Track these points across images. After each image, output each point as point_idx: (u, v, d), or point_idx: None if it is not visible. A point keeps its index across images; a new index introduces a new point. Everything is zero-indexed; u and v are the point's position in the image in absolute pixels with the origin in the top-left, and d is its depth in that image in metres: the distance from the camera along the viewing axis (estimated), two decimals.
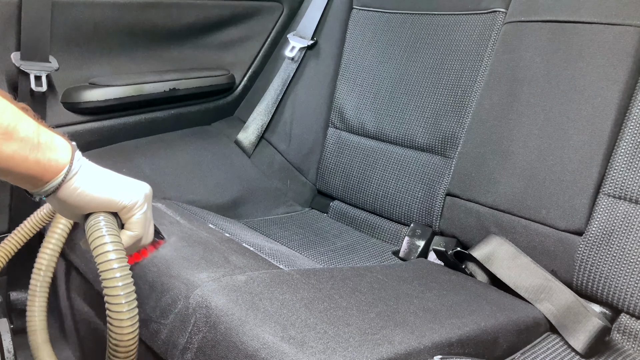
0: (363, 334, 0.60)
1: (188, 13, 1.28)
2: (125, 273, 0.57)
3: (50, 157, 0.54)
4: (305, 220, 1.22)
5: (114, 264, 0.56)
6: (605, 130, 0.87)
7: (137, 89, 1.20)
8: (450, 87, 1.10)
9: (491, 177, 0.98)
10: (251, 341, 0.59)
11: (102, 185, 0.59)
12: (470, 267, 0.93)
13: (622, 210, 0.84)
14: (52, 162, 0.54)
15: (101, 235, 0.57)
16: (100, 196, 0.58)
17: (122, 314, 0.57)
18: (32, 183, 0.55)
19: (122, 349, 0.58)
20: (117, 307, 0.56)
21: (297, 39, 1.35)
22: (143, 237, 0.64)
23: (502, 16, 1.07)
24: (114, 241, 0.57)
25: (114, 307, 0.56)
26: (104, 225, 0.58)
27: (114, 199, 0.59)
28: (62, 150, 0.55)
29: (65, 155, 0.55)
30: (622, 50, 0.88)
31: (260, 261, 0.79)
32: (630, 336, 0.82)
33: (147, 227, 0.65)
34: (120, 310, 0.56)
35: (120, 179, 0.61)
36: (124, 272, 0.57)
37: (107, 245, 0.56)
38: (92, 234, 0.57)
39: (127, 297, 0.57)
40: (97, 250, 0.56)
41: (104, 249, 0.56)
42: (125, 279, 0.57)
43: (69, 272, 0.98)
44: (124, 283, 0.56)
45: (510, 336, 0.74)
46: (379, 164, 1.18)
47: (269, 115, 1.35)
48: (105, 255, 0.56)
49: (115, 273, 0.56)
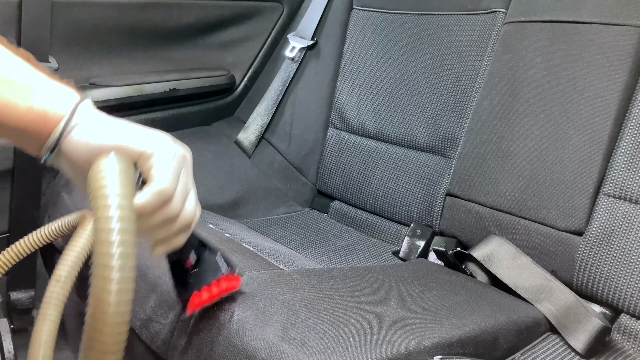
0: (363, 334, 0.60)
1: (188, 13, 1.28)
2: (124, 226, 0.41)
3: (46, 106, 0.44)
4: (305, 221, 1.22)
5: (111, 213, 0.40)
6: (605, 130, 0.87)
7: (137, 89, 1.20)
8: (450, 87, 1.10)
9: (491, 177, 0.98)
10: (251, 341, 0.59)
11: (112, 132, 0.47)
12: (470, 268, 0.93)
13: (622, 211, 0.84)
14: (50, 111, 0.44)
15: (102, 177, 0.41)
16: (109, 143, 0.45)
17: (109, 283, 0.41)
18: (31, 140, 0.46)
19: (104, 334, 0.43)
20: (105, 269, 0.41)
21: (297, 39, 1.35)
22: (174, 197, 0.49)
23: (502, 16, 1.07)
24: (113, 184, 0.41)
25: (101, 271, 0.41)
26: (106, 168, 0.42)
27: (128, 145, 0.46)
28: (64, 98, 0.45)
29: (66, 103, 0.45)
30: (622, 50, 0.88)
31: (260, 261, 0.79)
32: (630, 336, 0.82)
33: (181, 184, 0.51)
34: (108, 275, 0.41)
35: (139, 127, 0.48)
36: (122, 226, 0.41)
37: (105, 188, 0.41)
38: (91, 179, 0.42)
39: (121, 259, 0.42)
40: (95, 194, 0.41)
41: (102, 192, 0.40)
42: (123, 233, 0.41)
43: None
44: (119, 239, 0.41)
45: (510, 336, 0.74)
46: (379, 164, 1.18)
47: (269, 116, 1.35)
48: (103, 200, 0.40)
49: (109, 223, 0.40)
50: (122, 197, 0.41)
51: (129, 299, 0.43)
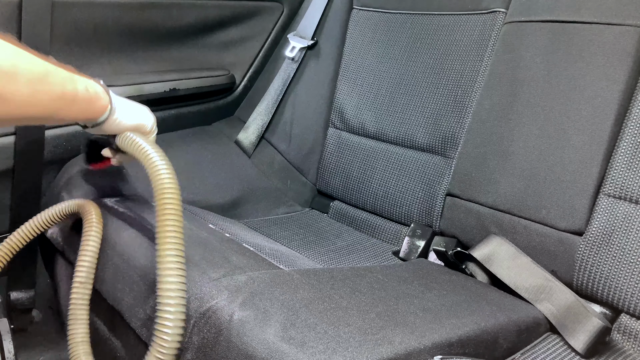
0: (363, 334, 0.60)
1: (188, 13, 1.28)
2: (174, 180, 0.69)
3: (99, 104, 0.72)
4: (305, 221, 1.22)
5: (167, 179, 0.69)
6: (606, 130, 0.87)
7: (137, 89, 1.20)
8: (450, 87, 1.10)
9: (491, 177, 0.98)
10: (251, 341, 0.59)
11: (134, 114, 0.79)
12: (470, 267, 0.93)
13: (622, 211, 0.84)
14: (100, 107, 0.73)
15: (144, 146, 0.72)
16: (133, 123, 0.78)
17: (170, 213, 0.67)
18: (84, 122, 0.76)
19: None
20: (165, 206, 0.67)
21: (297, 39, 1.35)
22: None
23: (502, 16, 1.07)
24: (157, 151, 0.71)
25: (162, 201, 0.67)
26: (140, 138, 0.74)
27: (144, 124, 0.80)
28: (104, 96, 0.73)
29: (105, 98, 0.73)
30: (622, 50, 0.88)
31: (260, 261, 0.79)
32: (631, 336, 0.82)
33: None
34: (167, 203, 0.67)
35: (139, 107, 0.80)
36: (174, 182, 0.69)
37: (153, 154, 0.70)
38: (135, 144, 0.73)
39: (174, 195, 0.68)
40: (147, 160, 0.70)
41: (153, 161, 0.70)
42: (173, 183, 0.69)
43: (70, 272, 0.98)
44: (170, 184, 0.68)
45: (511, 336, 0.74)
46: (379, 164, 1.18)
47: (269, 115, 1.35)
48: (157, 169, 0.69)
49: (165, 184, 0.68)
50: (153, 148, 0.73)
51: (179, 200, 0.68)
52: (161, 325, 0.61)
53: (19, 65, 0.57)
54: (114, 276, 0.80)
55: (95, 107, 0.71)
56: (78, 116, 0.71)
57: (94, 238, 0.83)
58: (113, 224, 0.85)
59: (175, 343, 0.62)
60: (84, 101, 0.68)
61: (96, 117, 0.73)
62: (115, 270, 0.81)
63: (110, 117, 0.74)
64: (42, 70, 0.61)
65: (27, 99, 0.59)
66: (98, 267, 0.84)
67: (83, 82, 0.68)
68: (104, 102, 0.73)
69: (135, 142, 0.73)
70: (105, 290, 0.83)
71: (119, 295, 0.79)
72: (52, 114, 0.65)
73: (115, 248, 0.83)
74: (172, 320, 0.61)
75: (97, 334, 0.89)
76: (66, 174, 1.07)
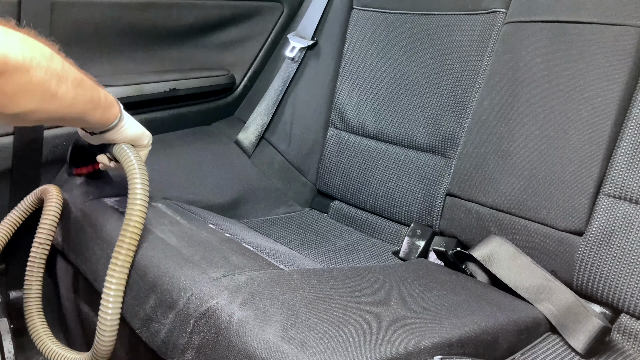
0: (363, 334, 0.60)
1: (188, 13, 1.28)
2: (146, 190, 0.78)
3: (112, 112, 0.79)
4: (305, 221, 1.22)
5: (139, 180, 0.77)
6: (606, 130, 0.87)
7: (137, 89, 1.20)
8: (450, 87, 1.10)
9: (491, 177, 0.98)
10: (251, 341, 0.59)
11: (134, 127, 0.84)
12: (470, 267, 0.93)
13: (622, 211, 0.84)
14: (112, 115, 0.79)
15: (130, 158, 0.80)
16: (133, 136, 0.84)
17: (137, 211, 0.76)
18: (95, 129, 0.81)
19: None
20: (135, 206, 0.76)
21: (297, 39, 1.35)
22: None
23: (502, 16, 1.07)
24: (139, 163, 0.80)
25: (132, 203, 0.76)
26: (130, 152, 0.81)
27: (140, 137, 0.85)
28: (116, 105, 0.80)
29: (117, 108, 0.80)
30: (622, 50, 0.88)
31: (260, 261, 0.79)
32: (631, 336, 0.82)
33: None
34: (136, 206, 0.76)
35: (138, 124, 0.86)
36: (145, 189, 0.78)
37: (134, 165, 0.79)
38: (125, 157, 0.80)
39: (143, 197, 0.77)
40: (128, 167, 0.79)
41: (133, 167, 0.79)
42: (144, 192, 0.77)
43: (68, 271, 0.98)
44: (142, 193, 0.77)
45: (511, 336, 0.74)
46: (379, 164, 1.18)
47: (269, 116, 1.35)
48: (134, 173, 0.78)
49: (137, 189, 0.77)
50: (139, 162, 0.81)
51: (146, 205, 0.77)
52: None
53: (66, 70, 0.66)
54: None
55: (110, 114, 0.79)
56: (99, 120, 0.77)
57: (52, 214, 0.93)
58: (113, 224, 0.85)
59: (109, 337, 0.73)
60: (104, 107, 0.76)
61: (109, 123, 0.80)
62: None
63: (119, 125, 0.81)
64: (80, 75, 0.70)
65: (72, 98, 0.68)
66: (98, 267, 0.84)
67: (102, 90, 0.76)
68: (115, 110, 0.80)
69: (125, 154, 0.81)
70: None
71: None
72: (83, 116, 0.73)
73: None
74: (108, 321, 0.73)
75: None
76: (65, 173, 1.07)
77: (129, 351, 0.82)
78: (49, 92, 0.64)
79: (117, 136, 0.82)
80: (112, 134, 0.81)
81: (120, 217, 0.88)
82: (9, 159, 1.04)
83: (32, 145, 1.06)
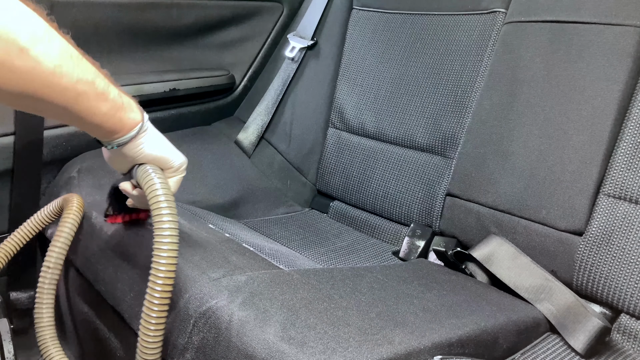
0: (363, 334, 0.60)
1: (188, 13, 1.28)
2: (174, 217, 0.63)
3: (129, 116, 0.66)
4: (305, 221, 1.22)
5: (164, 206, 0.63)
6: (605, 130, 0.87)
7: (137, 89, 1.20)
8: (450, 87, 1.10)
9: (491, 177, 0.98)
10: (251, 341, 0.59)
11: (161, 145, 0.70)
12: (470, 268, 0.93)
13: (622, 211, 0.84)
14: (130, 120, 0.66)
15: (153, 181, 0.65)
16: (158, 154, 0.69)
17: (165, 250, 0.61)
18: (109, 135, 0.66)
19: (161, 284, 0.62)
20: (162, 244, 0.62)
21: (297, 39, 1.35)
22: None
23: (502, 16, 1.07)
24: (164, 186, 0.65)
25: (159, 242, 0.62)
26: (153, 172, 0.66)
27: (168, 158, 0.70)
28: (137, 111, 0.67)
29: (138, 115, 0.67)
30: (622, 50, 0.88)
31: (260, 261, 0.79)
32: (630, 336, 0.82)
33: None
34: (163, 244, 0.61)
35: (171, 145, 0.72)
36: (174, 217, 0.63)
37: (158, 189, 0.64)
38: (146, 179, 0.65)
39: (172, 232, 0.62)
40: (150, 193, 0.64)
41: (156, 192, 0.64)
42: (173, 220, 0.63)
43: (69, 272, 0.98)
44: (170, 222, 0.63)
45: (510, 336, 0.74)
46: (379, 164, 1.18)
47: (269, 116, 1.35)
48: (157, 198, 0.64)
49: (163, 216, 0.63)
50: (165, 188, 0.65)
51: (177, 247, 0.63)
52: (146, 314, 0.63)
53: (50, 33, 0.58)
54: (114, 276, 0.80)
55: (125, 117, 0.65)
56: (108, 119, 0.64)
57: (69, 225, 0.86)
58: (114, 225, 0.85)
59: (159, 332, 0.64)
60: (113, 103, 0.64)
61: (125, 129, 0.66)
62: (116, 270, 0.81)
63: (139, 136, 0.67)
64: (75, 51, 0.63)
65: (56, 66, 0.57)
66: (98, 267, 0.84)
67: (118, 88, 0.66)
68: (135, 116, 0.67)
69: (147, 174, 0.66)
70: (106, 290, 0.83)
71: (119, 295, 0.79)
72: (78, 102, 0.60)
73: (115, 248, 0.83)
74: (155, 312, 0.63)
75: (97, 333, 0.89)
76: (66, 173, 1.07)
77: (128, 351, 0.82)
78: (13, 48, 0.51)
79: (138, 153, 0.67)
80: (131, 148, 0.67)
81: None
82: (10, 159, 1.04)
83: (32, 145, 1.06)
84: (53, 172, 1.11)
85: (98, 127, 0.64)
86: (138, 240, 0.81)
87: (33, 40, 0.54)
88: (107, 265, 0.82)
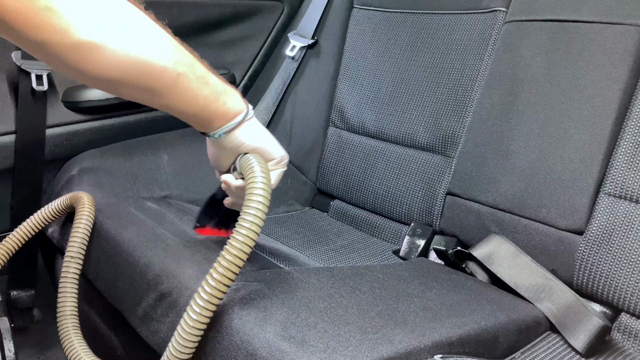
0: (363, 333, 0.60)
1: (188, 12, 1.28)
2: (265, 208, 0.61)
3: (233, 102, 0.65)
4: (305, 220, 1.22)
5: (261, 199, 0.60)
6: (606, 129, 0.87)
7: None
8: (450, 86, 1.10)
9: (491, 176, 0.98)
10: (252, 340, 0.59)
11: (264, 136, 0.69)
12: (470, 267, 0.93)
13: (622, 210, 0.84)
14: (235, 106, 0.65)
15: (256, 169, 0.62)
16: (261, 145, 0.68)
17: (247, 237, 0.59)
18: (214, 121, 0.65)
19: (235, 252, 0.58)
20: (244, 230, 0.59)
21: (298, 38, 1.35)
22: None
23: (502, 15, 1.06)
24: (265, 174, 0.62)
25: (242, 228, 0.59)
26: (257, 161, 0.63)
27: (270, 150, 0.69)
28: (240, 99, 0.66)
29: (240, 102, 0.66)
30: (622, 49, 0.88)
31: (260, 260, 0.79)
32: (631, 335, 0.82)
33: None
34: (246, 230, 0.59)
35: (273, 137, 0.71)
36: (264, 207, 0.61)
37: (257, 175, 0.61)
38: (249, 164, 0.63)
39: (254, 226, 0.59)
40: (250, 179, 0.61)
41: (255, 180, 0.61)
42: (262, 210, 0.60)
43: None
44: (260, 211, 0.60)
45: (511, 335, 0.74)
46: (379, 163, 1.18)
47: (269, 115, 1.35)
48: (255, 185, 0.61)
49: (253, 202, 0.60)
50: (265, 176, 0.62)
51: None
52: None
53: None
54: (114, 275, 0.81)
55: (228, 101, 0.64)
56: (207, 102, 0.63)
57: (83, 226, 0.85)
58: (113, 224, 0.86)
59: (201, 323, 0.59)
60: (214, 89, 0.63)
61: (229, 114, 0.65)
62: (116, 269, 0.81)
63: (245, 124, 0.66)
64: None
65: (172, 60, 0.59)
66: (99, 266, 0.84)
67: (217, 77, 0.64)
68: (239, 103, 0.65)
69: (251, 162, 0.63)
70: (105, 289, 0.83)
71: (119, 294, 0.79)
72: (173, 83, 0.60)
73: (115, 247, 0.83)
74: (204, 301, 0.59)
75: (97, 332, 0.89)
76: (67, 172, 1.07)
77: (128, 350, 0.82)
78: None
79: (241, 142, 0.66)
80: (236, 136, 0.66)
81: (120, 216, 0.87)
82: (11, 158, 1.04)
83: (34, 143, 1.06)
84: (54, 171, 1.11)
85: (201, 111, 0.63)
86: (138, 240, 0.81)
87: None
88: (108, 264, 0.82)
